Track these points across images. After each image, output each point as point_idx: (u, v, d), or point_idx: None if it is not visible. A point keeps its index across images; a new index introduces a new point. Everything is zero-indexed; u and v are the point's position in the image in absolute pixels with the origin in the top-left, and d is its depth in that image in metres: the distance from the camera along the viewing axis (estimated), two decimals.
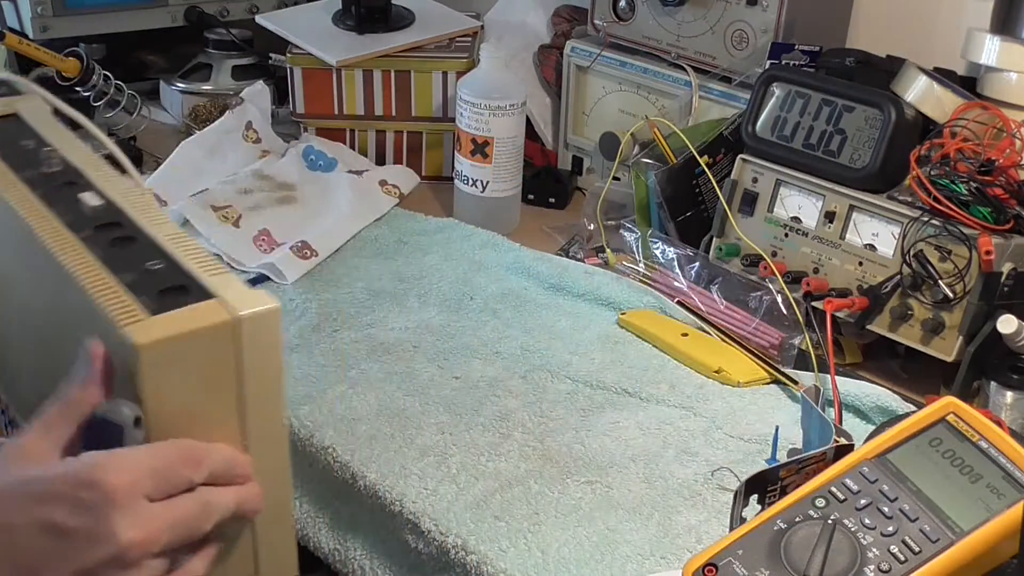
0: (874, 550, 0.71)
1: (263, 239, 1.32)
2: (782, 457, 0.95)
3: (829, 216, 1.13)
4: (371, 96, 1.52)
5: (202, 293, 0.63)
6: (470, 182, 1.39)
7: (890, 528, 0.72)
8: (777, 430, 0.98)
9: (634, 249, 1.27)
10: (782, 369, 1.10)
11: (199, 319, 0.60)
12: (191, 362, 0.60)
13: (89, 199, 0.72)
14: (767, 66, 1.23)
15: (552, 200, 1.49)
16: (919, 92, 1.13)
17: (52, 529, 0.53)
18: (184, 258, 0.66)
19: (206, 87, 1.69)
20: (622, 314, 1.19)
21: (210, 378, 0.61)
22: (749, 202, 1.19)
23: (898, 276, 1.08)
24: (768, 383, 1.09)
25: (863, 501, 0.73)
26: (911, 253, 1.06)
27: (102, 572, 0.54)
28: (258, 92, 1.54)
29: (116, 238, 0.68)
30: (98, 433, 0.59)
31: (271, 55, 1.64)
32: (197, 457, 0.60)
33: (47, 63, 1.51)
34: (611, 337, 1.16)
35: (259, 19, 1.61)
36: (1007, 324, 0.99)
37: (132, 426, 0.59)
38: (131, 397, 0.60)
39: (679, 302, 1.19)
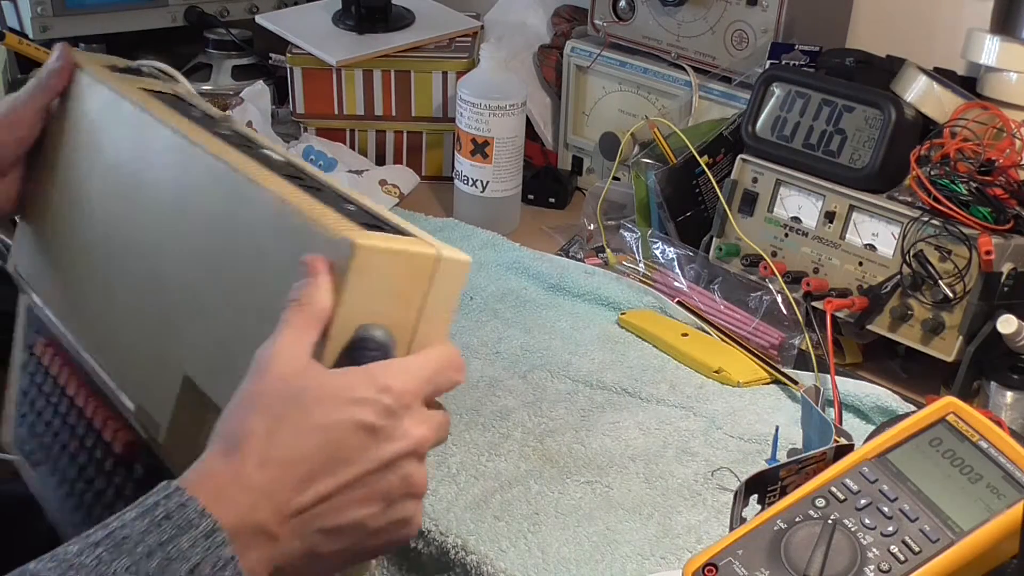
0: (874, 550, 0.71)
1: None
2: (782, 457, 0.95)
3: (829, 216, 1.13)
4: (371, 96, 1.52)
5: (401, 232, 0.67)
6: (470, 182, 1.39)
7: (890, 528, 0.71)
8: (777, 430, 0.97)
9: (634, 249, 1.27)
10: (782, 369, 1.10)
11: (408, 245, 0.65)
12: (391, 279, 0.64)
13: (272, 154, 0.75)
14: (767, 66, 1.22)
15: (552, 200, 1.49)
16: (919, 92, 1.13)
17: (364, 427, 0.61)
18: (372, 207, 0.70)
19: (206, 87, 1.69)
20: (622, 314, 1.19)
21: (399, 301, 0.65)
22: (749, 202, 1.19)
23: (898, 276, 1.08)
24: (768, 383, 1.09)
25: (863, 501, 0.73)
26: (911, 253, 1.06)
27: (397, 462, 0.62)
28: (258, 92, 1.54)
29: (305, 185, 0.70)
30: (362, 350, 0.64)
31: (271, 55, 1.64)
32: (459, 363, 0.67)
33: None
34: (611, 337, 1.16)
35: (259, 19, 1.61)
36: (1007, 324, 0.99)
37: (392, 345, 0.64)
38: None
39: (679, 302, 1.19)
